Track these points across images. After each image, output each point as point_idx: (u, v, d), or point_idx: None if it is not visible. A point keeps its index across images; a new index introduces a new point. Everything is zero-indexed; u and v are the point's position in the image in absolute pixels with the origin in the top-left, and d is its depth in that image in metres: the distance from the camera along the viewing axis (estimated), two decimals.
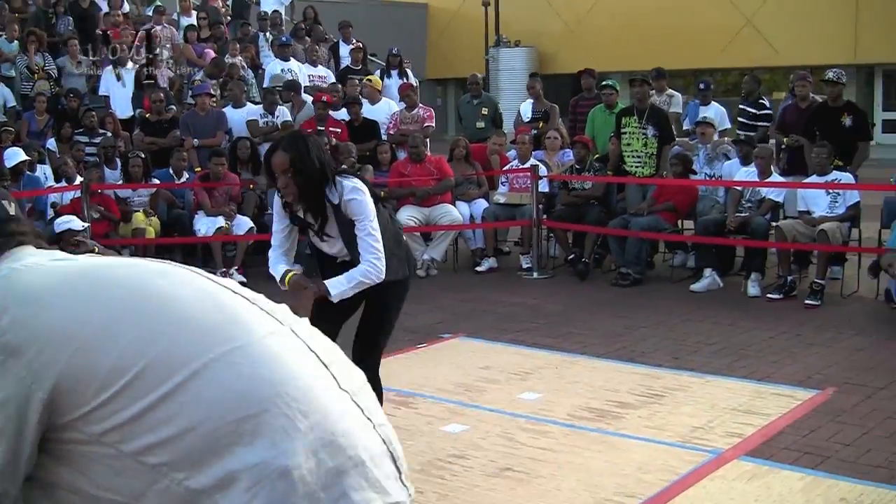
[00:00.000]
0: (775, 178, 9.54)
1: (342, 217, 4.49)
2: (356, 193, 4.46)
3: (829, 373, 6.51)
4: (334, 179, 4.46)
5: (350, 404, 1.93)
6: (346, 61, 14.47)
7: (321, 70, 13.76)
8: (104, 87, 12.95)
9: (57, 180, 10.38)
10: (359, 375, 2.05)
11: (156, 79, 12.69)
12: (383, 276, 4.53)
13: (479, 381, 6.43)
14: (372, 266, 4.48)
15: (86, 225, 8.73)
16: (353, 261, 4.55)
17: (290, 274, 4.67)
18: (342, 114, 12.04)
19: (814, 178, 9.20)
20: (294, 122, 11.94)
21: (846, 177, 9.11)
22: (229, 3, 16.91)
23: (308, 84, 13.26)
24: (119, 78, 12.79)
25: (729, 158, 10.23)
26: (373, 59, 16.90)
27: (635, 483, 4.66)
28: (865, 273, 8.75)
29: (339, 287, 4.51)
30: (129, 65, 12.84)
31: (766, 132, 11.16)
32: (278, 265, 4.75)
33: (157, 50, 13.48)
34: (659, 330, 7.84)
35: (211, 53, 13.61)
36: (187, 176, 10.98)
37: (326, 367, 1.95)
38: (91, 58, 13.28)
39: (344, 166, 4.71)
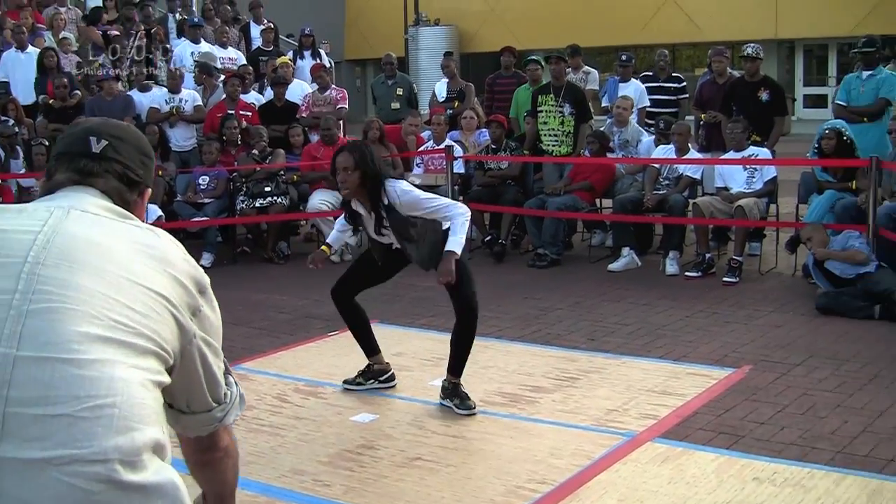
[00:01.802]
0: (693, 154, 9.49)
1: (396, 215, 5.24)
2: (406, 193, 5.23)
3: (745, 351, 6.44)
4: (385, 183, 5.24)
5: None
6: (257, 42, 14.11)
7: (231, 52, 13.36)
8: (3, 72, 12.44)
9: None
10: None
11: (59, 63, 12.22)
12: (468, 213, 5.30)
13: None
14: (460, 215, 5.21)
15: None
16: (402, 249, 5.45)
17: (322, 247, 5.91)
18: (253, 97, 11.77)
19: (731, 154, 9.15)
20: (206, 105, 11.65)
21: (763, 152, 9.06)
22: None
23: (219, 67, 12.90)
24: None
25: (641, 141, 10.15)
26: (288, 39, 16.56)
27: (547, 469, 4.52)
28: (783, 249, 8.72)
29: (457, 246, 5.21)
30: (30, 48, 12.36)
31: (687, 106, 11.16)
32: (333, 234, 5.93)
33: (62, 33, 13.04)
34: (575, 311, 7.72)
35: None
36: None
37: None
38: None
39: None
